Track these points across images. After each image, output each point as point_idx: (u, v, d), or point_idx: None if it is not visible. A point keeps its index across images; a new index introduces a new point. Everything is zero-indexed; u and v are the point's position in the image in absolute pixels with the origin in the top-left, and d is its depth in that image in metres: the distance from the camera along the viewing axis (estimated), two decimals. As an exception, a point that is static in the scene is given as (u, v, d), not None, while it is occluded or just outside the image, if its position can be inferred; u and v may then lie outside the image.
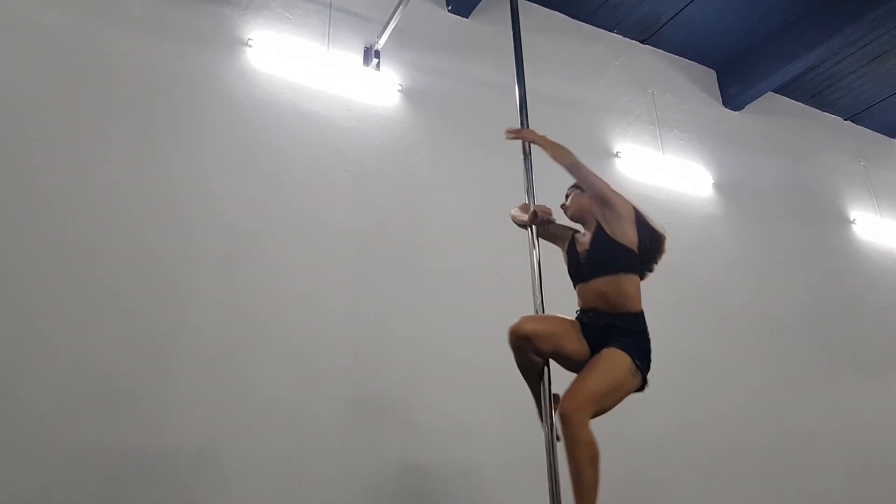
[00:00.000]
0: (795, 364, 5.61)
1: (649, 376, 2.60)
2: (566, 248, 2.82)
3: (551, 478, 2.45)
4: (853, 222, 6.71)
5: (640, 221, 2.77)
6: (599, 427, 2.73)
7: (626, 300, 2.61)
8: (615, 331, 2.56)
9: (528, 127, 2.93)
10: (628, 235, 2.67)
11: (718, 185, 5.93)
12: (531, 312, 2.72)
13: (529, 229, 2.78)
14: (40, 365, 3.14)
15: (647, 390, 2.61)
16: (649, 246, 2.77)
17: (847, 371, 5.91)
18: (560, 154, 2.77)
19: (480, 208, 4.65)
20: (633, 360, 2.49)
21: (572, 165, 2.74)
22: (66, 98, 3.63)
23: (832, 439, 5.49)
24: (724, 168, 6.05)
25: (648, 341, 2.62)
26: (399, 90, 4.66)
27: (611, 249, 2.65)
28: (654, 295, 5.01)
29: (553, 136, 2.84)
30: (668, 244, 2.86)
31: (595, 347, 2.59)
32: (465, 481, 3.89)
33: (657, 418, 4.60)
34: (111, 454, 3.12)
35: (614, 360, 2.48)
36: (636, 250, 2.69)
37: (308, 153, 4.19)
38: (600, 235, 2.69)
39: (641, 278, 2.74)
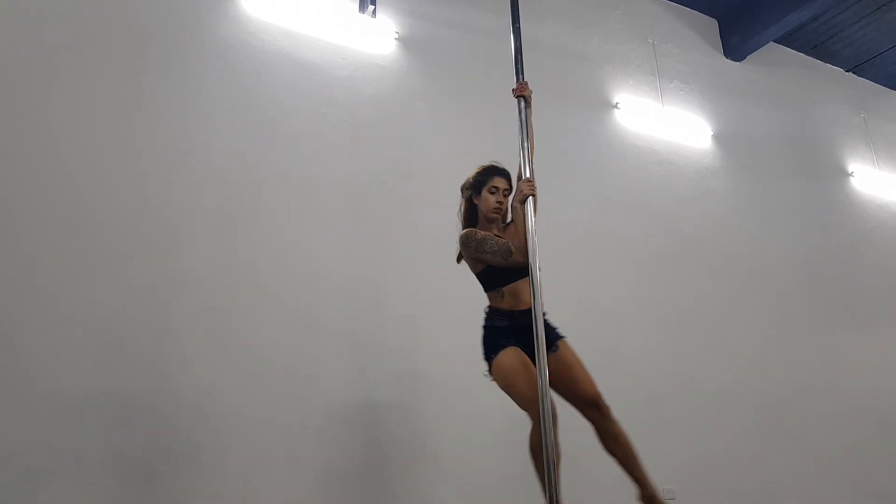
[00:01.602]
0: (789, 316, 5.67)
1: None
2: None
3: (546, 430, 2.50)
4: (851, 175, 6.70)
5: None
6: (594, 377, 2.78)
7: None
8: (545, 324, 2.67)
9: (523, 78, 2.90)
10: None
11: (717, 137, 5.90)
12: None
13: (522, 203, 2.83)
14: (40, 315, 3.14)
15: (641, 340, 2.72)
16: None
17: (840, 322, 5.98)
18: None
19: (477, 159, 4.61)
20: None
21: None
22: (54, 47, 3.56)
23: (823, 390, 5.58)
24: (723, 119, 6.01)
25: None
26: (396, 38, 4.58)
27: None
28: (650, 246, 5.08)
29: (552, 86, 2.82)
30: (665, 197, 2.88)
31: (530, 344, 2.63)
32: (463, 429, 3.95)
33: (650, 368, 4.67)
34: (112, 401, 3.16)
35: (571, 351, 2.80)
36: None
37: (303, 103, 4.14)
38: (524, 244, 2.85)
39: None
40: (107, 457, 3.08)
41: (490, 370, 2.79)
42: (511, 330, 2.78)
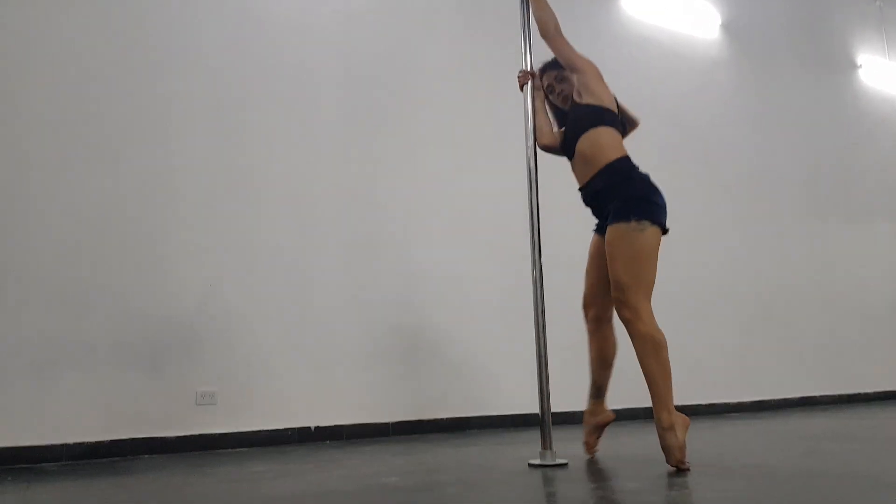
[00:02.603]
0: (785, 211, 5.71)
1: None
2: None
3: (538, 320, 2.58)
4: (859, 67, 6.55)
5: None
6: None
7: (602, 151, 2.53)
8: (605, 198, 2.52)
9: None
10: (599, 94, 2.60)
11: (726, 26, 5.72)
12: (523, 160, 2.74)
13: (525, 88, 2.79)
14: (38, 209, 3.15)
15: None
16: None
17: (835, 218, 6.03)
18: (543, 7, 2.70)
19: (475, 49, 4.50)
20: (630, 220, 2.38)
21: (547, 26, 2.67)
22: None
23: (812, 283, 5.70)
24: (733, 6, 5.80)
25: (638, 183, 2.49)
26: (391, -82, 4.35)
27: (582, 112, 2.61)
28: (649, 140, 5.01)
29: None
30: (668, 89, 2.79)
31: (599, 218, 2.65)
32: (457, 318, 4.07)
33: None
34: (115, 293, 3.23)
35: (617, 239, 2.41)
36: (611, 107, 2.61)
37: (295, -12, 3.98)
38: (574, 107, 2.67)
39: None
40: (112, 346, 3.19)
41: None
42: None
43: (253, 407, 3.43)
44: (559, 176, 3.09)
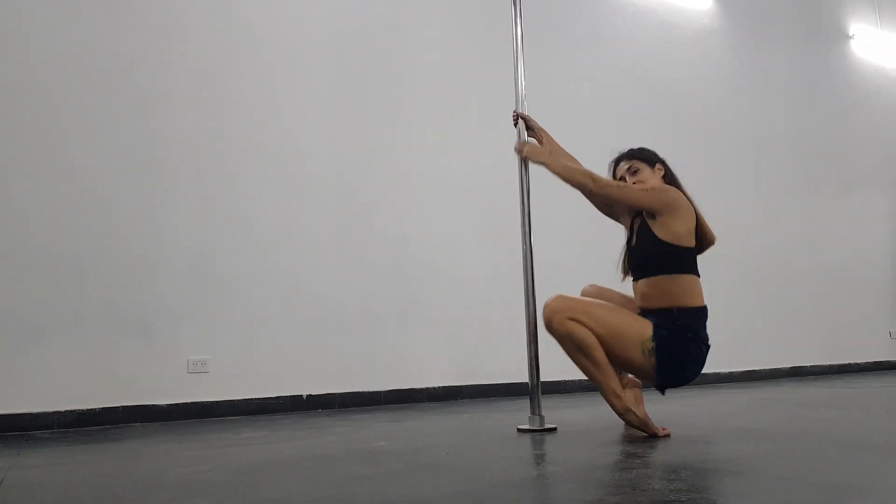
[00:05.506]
0: (777, 180, 5.71)
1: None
2: (629, 224, 2.55)
3: (528, 291, 2.58)
4: (851, 37, 6.51)
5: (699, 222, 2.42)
6: (583, 248, 2.81)
7: (669, 299, 2.30)
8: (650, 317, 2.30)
9: None
10: (677, 231, 2.31)
11: (719, -5, 5.69)
12: (513, 132, 2.72)
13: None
14: (30, 176, 3.13)
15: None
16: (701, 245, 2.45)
17: (828, 188, 6.04)
18: (567, 173, 2.45)
19: (468, 14, 4.46)
20: (653, 338, 2.20)
21: (586, 188, 2.42)
22: None
23: (804, 253, 5.72)
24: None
25: (686, 341, 2.24)
26: None
27: (654, 251, 2.33)
28: (643, 109, 5.01)
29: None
30: (661, 59, 2.73)
31: None
32: (451, 288, 4.08)
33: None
34: (107, 260, 3.22)
35: (633, 317, 2.29)
36: (689, 245, 2.34)
37: (284, -46, 3.92)
38: (645, 233, 2.37)
39: None
40: (104, 314, 3.19)
41: None
42: None
43: (245, 375, 3.44)
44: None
